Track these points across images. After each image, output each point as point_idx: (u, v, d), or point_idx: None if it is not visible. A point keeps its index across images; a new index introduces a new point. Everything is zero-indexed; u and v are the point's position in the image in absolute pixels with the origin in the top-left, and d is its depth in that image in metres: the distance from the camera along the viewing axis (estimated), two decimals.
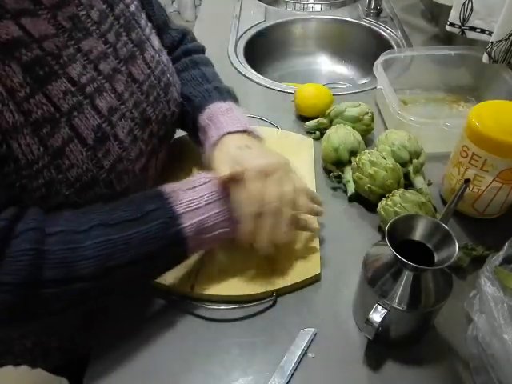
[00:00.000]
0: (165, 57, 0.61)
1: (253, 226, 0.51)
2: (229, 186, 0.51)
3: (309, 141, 0.79)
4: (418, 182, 0.67)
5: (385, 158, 0.65)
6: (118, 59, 0.51)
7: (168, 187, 0.49)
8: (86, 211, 0.45)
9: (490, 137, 0.56)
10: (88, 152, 0.46)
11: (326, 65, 1.25)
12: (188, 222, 0.47)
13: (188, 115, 0.65)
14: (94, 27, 0.48)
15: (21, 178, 0.42)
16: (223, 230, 0.50)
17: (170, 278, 0.56)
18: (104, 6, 0.50)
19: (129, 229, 0.45)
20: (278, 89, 0.96)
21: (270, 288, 0.56)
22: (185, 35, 0.73)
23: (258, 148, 0.57)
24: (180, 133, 0.74)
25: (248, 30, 1.17)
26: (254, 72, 1.03)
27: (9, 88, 0.40)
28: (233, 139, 0.57)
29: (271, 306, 0.56)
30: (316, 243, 0.61)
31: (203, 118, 0.61)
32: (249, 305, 0.55)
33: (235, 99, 0.66)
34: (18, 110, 0.40)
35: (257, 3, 1.30)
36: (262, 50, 1.19)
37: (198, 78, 0.67)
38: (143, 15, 0.59)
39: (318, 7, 1.30)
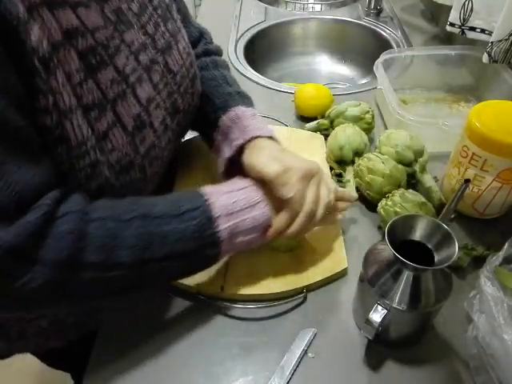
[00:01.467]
0: (192, 50, 0.64)
1: (286, 224, 0.53)
2: (273, 185, 0.52)
3: (320, 138, 0.80)
4: (427, 179, 0.67)
5: (383, 163, 0.64)
6: (156, 49, 0.54)
7: (207, 188, 0.51)
8: (128, 202, 0.47)
9: (490, 137, 0.56)
10: (128, 137, 0.48)
11: (326, 65, 1.25)
12: (224, 225, 0.48)
13: (206, 114, 0.66)
14: (135, 19, 0.51)
15: (70, 158, 0.44)
16: (255, 235, 0.52)
17: (198, 280, 0.56)
18: None
19: (167, 225, 0.46)
20: (278, 89, 0.96)
21: (299, 285, 0.56)
22: (202, 34, 0.75)
23: (292, 153, 0.58)
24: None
25: (248, 30, 1.18)
26: (254, 72, 1.03)
27: (67, 72, 0.42)
28: (268, 143, 0.58)
29: (301, 303, 0.56)
30: (340, 239, 0.62)
31: (226, 119, 0.62)
32: (279, 303, 0.56)
33: (254, 106, 0.67)
34: (73, 94, 0.43)
35: (257, 3, 1.30)
36: (262, 50, 1.19)
37: (219, 80, 0.68)
38: (175, 7, 0.62)
39: (317, 7, 1.30)
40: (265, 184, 0.53)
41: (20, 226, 0.39)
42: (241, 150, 0.58)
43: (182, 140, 0.70)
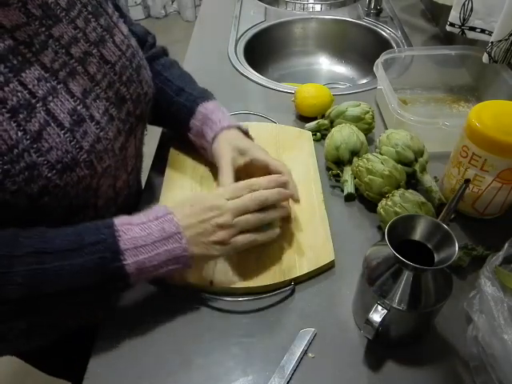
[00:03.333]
0: (134, 42, 0.63)
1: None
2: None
3: (307, 134, 0.81)
4: (426, 180, 0.67)
5: (383, 163, 0.65)
6: (89, 43, 0.53)
7: (120, 220, 0.49)
8: (25, 235, 0.45)
9: (489, 137, 0.56)
10: (66, 134, 0.47)
11: (326, 65, 1.25)
12: (131, 259, 0.46)
13: (182, 104, 0.69)
14: (63, 14, 0.50)
15: (3, 163, 0.43)
16: (175, 266, 0.49)
17: (188, 274, 0.57)
18: None
19: (62, 259, 0.44)
20: (278, 89, 0.96)
21: (287, 277, 0.57)
22: (146, 36, 0.76)
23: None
24: None
25: (248, 30, 1.17)
26: (254, 72, 1.03)
27: None
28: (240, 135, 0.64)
29: (289, 296, 0.57)
30: (327, 232, 0.62)
31: (207, 107, 0.68)
32: (267, 295, 0.56)
33: (212, 96, 0.72)
34: None
35: (257, 3, 1.30)
36: (262, 50, 1.19)
37: (187, 77, 0.74)
38: (110, 4, 0.62)
39: (318, 7, 1.30)
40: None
41: None
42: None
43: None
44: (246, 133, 0.68)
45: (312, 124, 0.82)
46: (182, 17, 3.25)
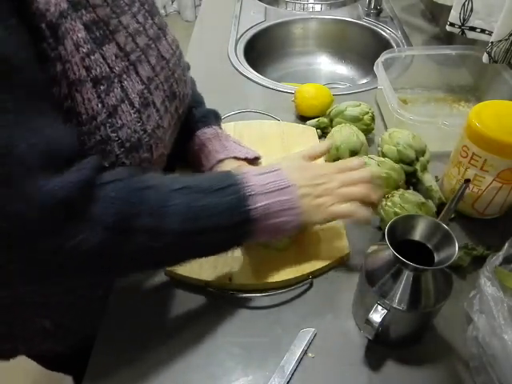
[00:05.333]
0: (179, 44, 0.65)
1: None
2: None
3: (312, 130, 0.81)
4: (427, 179, 0.67)
5: (379, 165, 0.64)
6: (148, 37, 0.55)
7: (239, 170, 0.52)
8: (172, 176, 0.49)
9: (490, 137, 0.56)
10: (135, 114, 0.49)
11: (326, 65, 1.25)
12: (257, 204, 0.49)
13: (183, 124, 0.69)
14: (127, 8, 0.53)
15: (81, 134, 0.44)
16: (286, 218, 0.51)
17: (206, 272, 0.57)
18: None
19: (211, 197, 0.47)
20: (278, 89, 0.96)
21: (305, 272, 0.57)
22: None
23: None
24: None
25: (248, 30, 1.17)
26: (254, 72, 1.03)
27: (75, 42, 0.43)
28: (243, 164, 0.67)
29: (307, 290, 0.58)
30: (341, 227, 0.63)
31: (206, 133, 0.69)
32: (286, 290, 0.57)
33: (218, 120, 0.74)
34: (82, 65, 0.43)
35: (257, 3, 1.30)
36: (262, 50, 1.19)
37: (196, 97, 0.74)
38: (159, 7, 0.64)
39: (318, 7, 1.30)
40: None
41: (71, 175, 0.39)
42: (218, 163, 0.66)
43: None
44: (245, 159, 0.68)
45: (313, 121, 0.83)
46: (182, 17, 3.25)
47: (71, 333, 0.66)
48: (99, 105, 0.45)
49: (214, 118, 0.72)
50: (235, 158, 0.67)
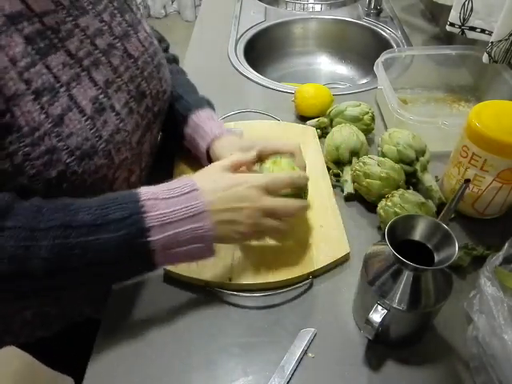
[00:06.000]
0: (155, 41, 0.65)
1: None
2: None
3: (311, 130, 0.81)
4: (427, 179, 0.67)
5: (379, 165, 0.65)
6: (113, 36, 0.54)
7: (145, 193, 0.47)
8: (49, 208, 0.45)
9: (490, 137, 0.56)
10: (87, 121, 0.48)
11: (326, 65, 1.25)
12: (156, 236, 0.45)
13: (177, 111, 0.70)
14: (90, 7, 0.52)
15: (24, 145, 0.44)
16: (196, 245, 0.48)
17: (206, 272, 0.57)
18: None
19: (88, 235, 0.44)
20: (278, 89, 0.96)
21: (305, 271, 0.57)
22: (160, 41, 0.77)
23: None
24: None
25: (248, 30, 1.17)
26: (254, 72, 1.03)
27: (11, 57, 0.42)
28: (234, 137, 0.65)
29: (307, 290, 0.57)
30: (340, 224, 0.63)
31: (200, 116, 0.68)
32: (286, 289, 0.57)
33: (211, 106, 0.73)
34: (20, 79, 0.43)
35: (257, 3, 1.30)
36: (262, 49, 1.19)
37: (187, 86, 0.75)
38: (134, 2, 0.63)
39: (318, 7, 1.30)
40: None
41: None
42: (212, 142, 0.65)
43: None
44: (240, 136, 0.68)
45: (313, 121, 0.83)
46: (182, 17, 3.25)
47: (54, 319, 0.67)
48: (42, 116, 0.44)
49: (206, 103, 0.72)
50: (231, 132, 0.67)
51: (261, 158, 0.60)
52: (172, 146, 0.75)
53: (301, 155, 0.61)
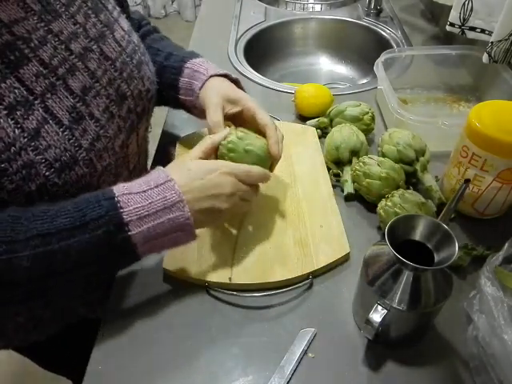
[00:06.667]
0: (135, 37, 0.63)
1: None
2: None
3: (311, 130, 0.81)
4: (427, 179, 0.67)
5: (379, 165, 0.64)
6: (89, 38, 0.52)
7: (120, 189, 0.47)
8: (27, 218, 0.44)
9: (490, 137, 0.56)
10: (64, 132, 0.47)
11: (326, 65, 1.25)
12: (136, 230, 0.46)
13: (170, 66, 0.69)
14: (63, 9, 0.50)
15: (0, 161, 0.43)
16: (177, 234, 0.49)
17: (206, 272, 0.57)
18: None
19: (68, 238, 0.44)
20: (278, 89, 0.96)
21: (305, 271, 0.57)
22: (140, 21, 0.77)
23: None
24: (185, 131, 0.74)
25: (248, 30, 1.17)
26: (254, 72, 1.02)
27: None
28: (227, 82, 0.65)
29: (307, 290, 0.58)
30: (340, 224, 0.63)
31: (194, 63, 0.67)
32: (286, 289, 0.57)
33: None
34: None
35: (257, 3, 1.30)
36: (262, 49, 1.19)
37: (173, 46, 0.75)
38: (111, 0, 0.61)
39: (318, 7, 1.30)
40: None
41: None
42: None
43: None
44: (235, 82, 0.67)
45: (313, 121, 0.83)
46: (182, 17, 3.25)
47: (47, 322, 0.67)
48: (17, 131, 0.43)
49: (199, 54, 0.71)
50: (226, 76, 0.67)
51: (237, 116, 0.62)
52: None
53: (274, 131, 0.60)
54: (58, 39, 0.48)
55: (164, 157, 0.75)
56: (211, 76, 0.65)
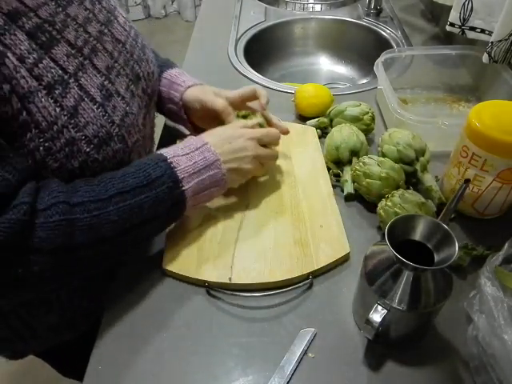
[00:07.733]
0: (133, 24, 0.65)
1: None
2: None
3: (311, 130, 0.81)
4: (427, 179, 0.66)
5: (379, 165, 0.65)
6: (100, 23, 0.55)
7: (169, 153, 0.54)
8: (100, 181, 0.49)
9: (490, 137, 0.56)
10: (99, 109, 0.49)
11: (326, 65, 1.25)
12: (187, 185, 0.54)
13: None
14: None
15: (44, 140, 0.45)
16: (214, 189, 0.58)
17: (206, 272, 0.58)
18: None
19: (141, 194, 0.50)
20: (278, 89, 0.96)
21: (304, 271, 0.57)
22: None
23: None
24: (185, 131, 0.74)
25: (248, 30, 1.17)
26: (254, 72, 1.03)
27: (19, 56, 0.43)
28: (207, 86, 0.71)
29: (307, 290, 0.58)
30: (340, 224, 0.64)
31: (171, 73, 0.72)
32: (286, 289, 0.57)
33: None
34: (31, 76, 0.43)
35: (257, 3, 1.30)
36: (262, 49, 1.19)
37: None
38: None
39: (318, 7, 1.30)
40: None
41: (2, 225, 0.40)
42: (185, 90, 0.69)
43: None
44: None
45: (313, 121, 0.83)
46: (182, 17, 3.25)
47: (79, 318, 0.68)
48: (57, 109, 0.45)
49: (174, 64, 0.75)
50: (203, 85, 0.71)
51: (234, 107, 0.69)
52: None
53: (264, 94, 0.70)
54: (76, 23, 0.51)
55: None
56: (189, 87, 0.70)
